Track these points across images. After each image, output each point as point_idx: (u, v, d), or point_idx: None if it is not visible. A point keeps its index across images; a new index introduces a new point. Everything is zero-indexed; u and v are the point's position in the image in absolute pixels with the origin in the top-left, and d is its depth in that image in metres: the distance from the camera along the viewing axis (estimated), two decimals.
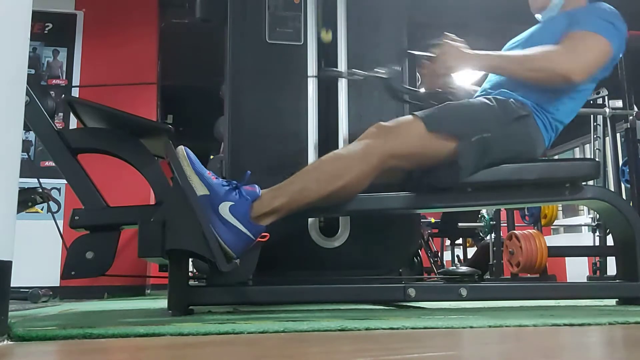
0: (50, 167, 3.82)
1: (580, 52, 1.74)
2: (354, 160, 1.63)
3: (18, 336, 1.01)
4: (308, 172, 1.63)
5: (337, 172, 1.61)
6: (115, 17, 4.39)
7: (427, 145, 1.71)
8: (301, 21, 2.28)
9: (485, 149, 1.71)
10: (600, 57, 1.76)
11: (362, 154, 1.64)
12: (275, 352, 0.89)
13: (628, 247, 1.81)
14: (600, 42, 1.75)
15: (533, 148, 1.80)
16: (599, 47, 1.76)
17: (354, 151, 1.66)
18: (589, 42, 1.75)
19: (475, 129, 1.71)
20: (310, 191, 1.58)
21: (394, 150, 1.67)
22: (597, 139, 4.61)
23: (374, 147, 1.65)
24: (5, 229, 1.00)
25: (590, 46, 1.75)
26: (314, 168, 1.66)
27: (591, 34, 1.76)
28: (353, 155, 1.65)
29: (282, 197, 1.56)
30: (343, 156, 1.67)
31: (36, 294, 2.81)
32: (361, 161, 1.63)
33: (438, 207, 1.91)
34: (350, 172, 1.62)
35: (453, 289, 1.72)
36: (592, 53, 1.75)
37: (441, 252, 5.94)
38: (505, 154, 1.74)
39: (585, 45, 1.75)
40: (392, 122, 1.74)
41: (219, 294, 1.62)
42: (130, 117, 1.65)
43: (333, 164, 1.63)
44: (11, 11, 1.05)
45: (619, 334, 1.12)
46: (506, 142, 1.73)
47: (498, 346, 0.99)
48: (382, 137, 1.68)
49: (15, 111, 1.06)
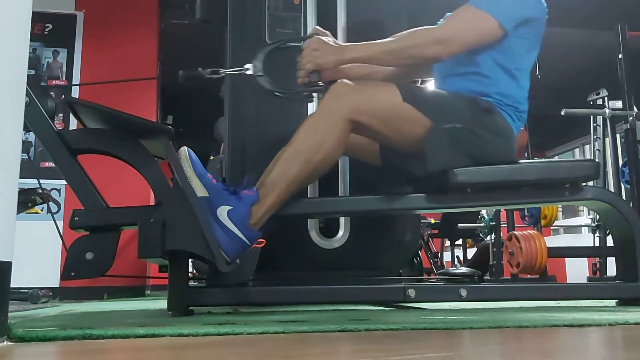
0: (50, 167, 3.82)
1: (448, 26, 1.74)
2: (323, 131, 1.61)
3: (18, 337, 1.01)
4: (285, 160, 1.61)
5: (312, 149, 1.60)
6: (115, 18, 4.39)
7: (401, 113, 1.69)
8: (301, 22, 2.29)
9: (454, 140, 1.69)
10: (473, 31, 1.73)
11: (328, 121, 1.62)
12: (275, 353, 0.89)
13: (628, 247, 1.81)
14: (477, 18, 1.73)
15: (505, 140, 1.78)
16: (474, 22, 1.73)
17: (319, 120, 1.64)
18: (466, 17, 1.74)
19: (448, 117, 1.70)
20: (295, 176, 1.59)
21: (358, 106, 1.64)
22: (597, 139, 4.61)
23: (336, 109, 1.63)
24: (5, 229, 1.00)
25: (466, 22, 1.73)
26: (290, 155, 1.62)
27: (472, 10, 1.74)
28: (320, 126, 1.62)
29: (272, 194, 1.57)
30: (312, 131, 1.63)
31: (36, 295, 2.81)
32: (331, 129, 1.61)
33: (438, 208, 1.91)
34: (324, 144, 1.60)
35: (453, 290, 1.72)
36: (463, 28, 1.73)
37: (441, 253, 5.94)
38: (478, 149, 1.72)
39: (460, 20, 1.74)
40: (361, 82, 1.72)
41: (218, 294, 1.62)
42: (130, 117, 1.65)
43: (306, 143, 1.61)
44: (11, 12, 1.05)
45: (619, 335, 1.12)
46: (478, 135, 1.71)
47: (498, 347, 0.99)
48: (343, 95, 1.65)
49: (15, 112, 1.06)
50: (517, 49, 1.79)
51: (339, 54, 1.71)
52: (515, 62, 1.80)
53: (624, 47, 4.15)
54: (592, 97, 4.54)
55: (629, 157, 4.12)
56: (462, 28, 1.73)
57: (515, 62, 1.80)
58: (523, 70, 1.84)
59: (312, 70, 1.71)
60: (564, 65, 5.37)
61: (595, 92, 4.52)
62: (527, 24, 1.76)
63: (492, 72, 1.78)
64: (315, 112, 1.69)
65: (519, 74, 1.82)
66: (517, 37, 1.77)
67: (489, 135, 1.73)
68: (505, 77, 1.79)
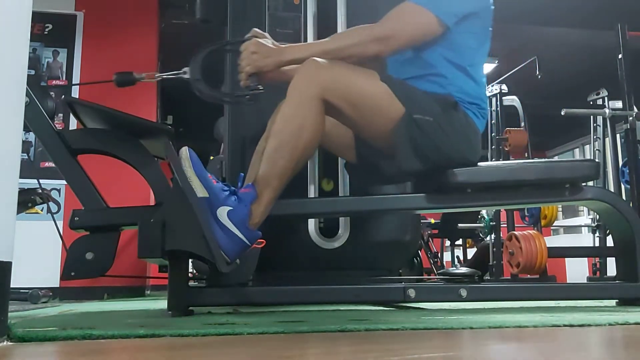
0: (50, 167, 3.82)
1: (387, 24, 1.72)
2: (299, 117, 1.59)
3: (18, 337, 1.01)
4: (271, 156, 1.59)
5: (293, 139, 1.58)
6: (115, 18, 4.39)
7: (375, 93, 1.68)
8: (301, 22, 2.29)
9: (423, 133, 1.68)
10: (413, 28, 1.72)
11: (301, 106, 1.60)
12: (275, 353, 0.89)
13: (628, 248, 1.81)
14: (416, 14, 1.71)
15: (472, 136, 1.78)
16: (414, 19, 1.72)
17: (293, 107, 1.61)
18: (406, 14, 1.72)
19: (420, 108, 1.69)
20: (284, 169, 1.58)
21: (329, 84, 1.62)
22: (597, 139, 4.61)
23: (306, 89, 1.61)
24: (5, 229, 1.00)
25: (405, 19, 1.72)
26: (273, 149, 1.60)
27: (411, 6, 1.73)
28: (295, 112, 1.60)
29: (267, 191, 1.56)
30: (288, 120, 1.61)
31: (36, 295, 2.81)
32: (307, 113, 1.60)
33: (438, 208, 1.91)
34: (304, 132, 1.59)
35: (453, 290, 1.72)
36: (403, 25, 1.72)
37: (441, 253, 5.93)
38: (446, 146, 1.71)
39: (400, 18, 1.72)
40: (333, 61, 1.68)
41: (218, 294, 1.62)
42: (130, 117, 1.65)
43: (286, 134, 1.59)
44: (11, 12, 1.05)
45: (619, 335, 1.12)
46: (447, 132, 1.71)
47: (498, 347, 0.99)
48: (313, 73, 1.63)
49: (15, 112, 1.06)
50: (466, 44, 1.78)
51: (277, 56, 1.69)
52: (468, 59, 1.79)
53: (624, 47, 4.15)
54: (592, 97, 4.54)
55: (629, 157, 4.12)
56: (402, 25, 1.72)
57: (468, 59, 1.79)
58: (476, 66, 1.83)
59: (251, 73, 1.68)
60: (564, 65, 5.38)
61: (595, 92, 4.52)
62: (470, 18, 1.75)
63: (448, 71, 1.77)
64: (287, 97, 1.63)
65: (474, 70, 1.81)
66: (464, 32, 1.76)
67: (457, 132, 1.73)
68: (460, 75, 1.78)
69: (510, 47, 5.30)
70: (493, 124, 4.54)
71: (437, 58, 1.77)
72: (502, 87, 4.62)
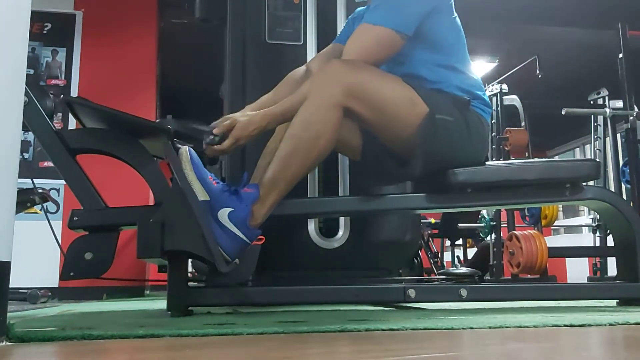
0: (49, 167, 3.82)
1: (349, 51, 1.68)
2: (318, 124, 1.56)
3: (17, 337, 1.01)
4: (283, 159, 1.56)
5: (309, 146, 1.56)
6: (115, 17, 4.38)
7: (399, 98, 1.65)
8: (301, 21, 2.28)
9: (445, 134, 1.67)
10: (373, 44, 1.68)
11: (322, 113, 1.56)
12: (275, 354, 0.89)
13: (628, 247, 1.81)
14: (369, 31, 1.68)
15: (484, 134, 1.80)
16: (369, 36, 1.68)
17: (313, 113, 1.57)
18: (358, 35, 1.69)
19: (441, 109, 1.68)
20: (294, 174, 1.57)
21: (351, 90, 1.58)
22: (597, 139, 4.61)
23: (329, 95, 1.57)
24: (3, 229, 0.99)
25: (360, 39, 1.69)
26: (287, 154, 1.56)
27: (360, 28, 1.70)
28: (315, 119, 1.56)
29: (272, 193, 1.56)
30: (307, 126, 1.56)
31: (35, 295, 2.81)
32: (326, 120, 1.57)
33: (438, 208, 1.90)
34: (320, 140, 1.56)
35: (453, 290, 1.72)
36: (362, 45, 1.68)
37: (441, 253, 5.93)
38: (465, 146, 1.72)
39: (356, 40, 1.69)
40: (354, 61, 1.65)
41: (218, 295, 1.62)
42: (129, 117, 1.65)
43: (303, 140, 1.56)
44: (10, 11, 1.05)
45: (620, 335, 1.12)
46: (464, 131, 1.71)
47: (498, 347, 0.99)
48: (336, 78, 1.58)
49: (14, 112, 1.05)
50: (445, 42, 1.77)
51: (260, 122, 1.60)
52: (453, 55, 1.78)
53: (625, 46, 4.15)
54: (593, 96, 4.54)
55: (630, 157, 4.12)
56: (363, 48, 1.67)
57: (453, 55, 1.78)
58: (463, 59, 1.82)
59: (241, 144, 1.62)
60: (565, 64, 5.37)
61: (596, 91, 4.52)
62: (433, 15, 1.73)
63: (440, 75, 1.76)
64: (308, 100, 1.57)
65: (462, 65, 1.81)
66: (436, 32, 1.75)
67: (473, 131, 1.73)
68: (452, 74, 1.78)
69: (510, 47, 5.29)
70: (493, 123, 4.53)
71: (425, 67, 1.76)
72: (502, 86, 4.61)
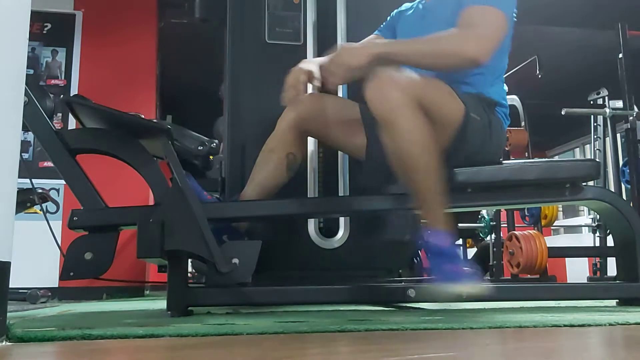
0: (49, 167, 3.82)
1: (482, 32, 1.62)
2: (418, 128, 1.52)
3: (17, 337, 1.01)
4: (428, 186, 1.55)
5: (427, 150, 1.54)
6: (115, 17, 4.38)
7: (446, 102, 1.62)
8: (301, 21, 2.28)
9: (473, 132, 1.66)
10: (499, 31, 1.65)
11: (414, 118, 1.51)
12: (275, 353, 0.89)
13: (628, 247, 1.81)
14: (497, 17, 1.65)
15: (503, 138, 1.81)
16: (497, 22, 1.65)
17: (409, 123, 1.51)
18: (488, 18, 1.64)
19: (472, 107, 1.67)
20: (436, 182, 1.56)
21: (419, 97, 1.53)
22: (597, 139, 4.61)
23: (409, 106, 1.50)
24: (3, 229, 0.99)
25: (490, 23, 1.64)
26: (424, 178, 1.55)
27: (488, 9, 1.64)
28: (414, 127, 1.52)
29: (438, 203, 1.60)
30: (413, 138, 1.51)
31: (35, 295, 2.81)
32: (418, 122, 1.52)
33: None
34: (424, 134, 1.53)
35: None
36: (492, 30, 1.64)
37: None
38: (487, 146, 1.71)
39: (486, 22, 1.64)
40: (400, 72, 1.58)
41: (218, 294, 1.62)
42: (129, 117, 1.64)
43: (421, 154, 1.53)
44: (10, 11, 1.05)
45: (619, 335, 1.12)
46: (488, 131, 1.70)
47: (498, 347, 0.99)
48: (408, 88, 1.52)
49: (14, 112, 1.05)
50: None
51: (371, 53, 1.57)
52: (497, 60, 1.76)
53: (625, 46, 4.14)
54: (593, 96, 4.53)
55: (630, 157, 4.11)
56: (489, 30, 1.63)
57: (497, 60, 1.76)
58: (501, 69, 1.82)
59: (344, 76, 1.59)
60: (564, 64, 5.37)
61: (596, 91, 4.52)
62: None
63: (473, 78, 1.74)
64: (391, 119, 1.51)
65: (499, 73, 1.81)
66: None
67: (494, 132, 1.72)
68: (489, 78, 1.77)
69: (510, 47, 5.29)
70: None
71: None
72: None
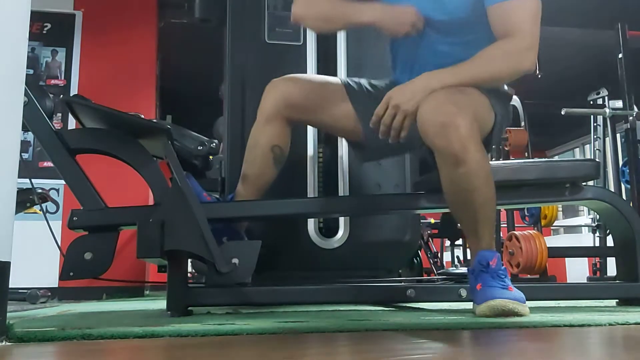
0: (49, 167, 3.82)
1: (530, 40, 1.55)
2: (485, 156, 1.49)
3: (17, 337, 1.01)
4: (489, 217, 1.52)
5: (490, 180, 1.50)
6: (114, 17, 4.38)
7: (487, 118, 1.58)
8: None
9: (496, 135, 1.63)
10: (538, 25, 1.57)
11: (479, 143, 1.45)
12: (275, 353, 0.89)
13: (628, 247, 1.81)
14: (533, 6, 1.56)
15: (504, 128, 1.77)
16: (537, 16, 1.56)
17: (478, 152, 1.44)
18: (528, 14, 1.55)
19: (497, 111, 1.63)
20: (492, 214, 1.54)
21: (477, 121, 1.48)
22: (597, 139, 4.61)
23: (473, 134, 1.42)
24: (3, 229, 0.99)
25: (531, 20, 1.55)
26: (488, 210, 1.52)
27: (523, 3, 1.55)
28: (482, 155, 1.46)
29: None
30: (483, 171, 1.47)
31: (34, 295, 2.81)
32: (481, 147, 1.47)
33: (438, 208, 1.90)
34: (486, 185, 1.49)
35: (453, 290, 1.72)
36: (536, 29, 1.56)
37: (441, 253, 5.93)
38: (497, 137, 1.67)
39: (528, 23, 1.55)
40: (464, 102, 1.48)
41: (218, 294, 1.62)
42: (129, 117, 1.64)
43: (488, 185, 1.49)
44: (10, 11, 1.05)
45: (619, 335, 1.12)
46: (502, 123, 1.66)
47: (498, 347, 0.99)
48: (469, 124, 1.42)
49: (14, 112, 1.05)
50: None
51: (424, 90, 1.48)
52: None
53: (624, 46, 4.15)
54: (592, 96, 4.54)
55: (629, 157, 4.12)
56: (534, 29, 1.55)
57: None
58: None
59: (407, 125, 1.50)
60: (564, 64, 5.36)
61: (596, 91, 4.52)
62: None
63: None
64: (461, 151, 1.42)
65: None
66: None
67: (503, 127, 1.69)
68: None
69: None
70: None
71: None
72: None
